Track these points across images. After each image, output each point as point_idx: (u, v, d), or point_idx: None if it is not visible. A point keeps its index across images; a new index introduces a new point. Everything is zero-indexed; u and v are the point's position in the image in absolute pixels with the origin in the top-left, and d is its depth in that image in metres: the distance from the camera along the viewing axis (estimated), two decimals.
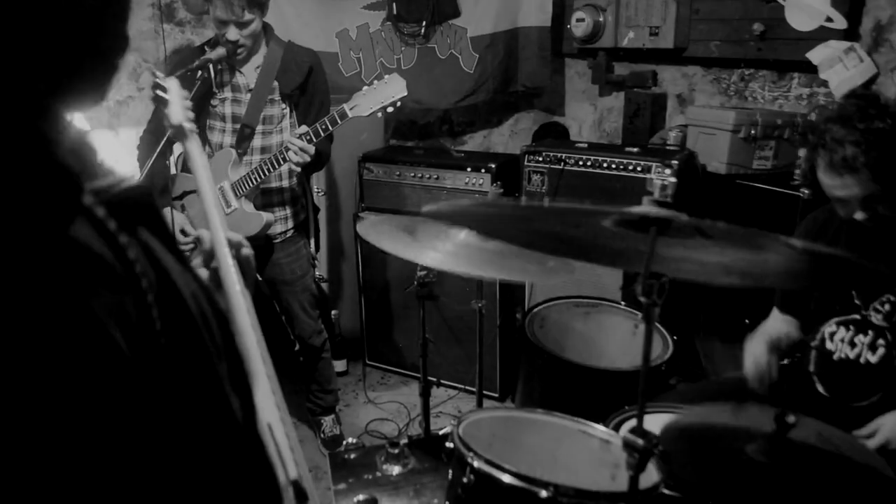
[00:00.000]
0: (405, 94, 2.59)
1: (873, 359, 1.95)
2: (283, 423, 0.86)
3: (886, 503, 1.44)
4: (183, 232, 2.76)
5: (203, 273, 1.13)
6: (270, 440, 0.81)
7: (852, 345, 1.99)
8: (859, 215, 1.87)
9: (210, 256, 1.14)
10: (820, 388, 2.08)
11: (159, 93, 2.02)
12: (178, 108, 1.56)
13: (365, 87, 2.61)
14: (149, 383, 0.50)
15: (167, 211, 2.76)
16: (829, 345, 2.05)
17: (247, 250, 1.16)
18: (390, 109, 2.61)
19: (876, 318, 1.94)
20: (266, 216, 2.79)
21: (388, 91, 2.58)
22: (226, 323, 0.67)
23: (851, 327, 2.00)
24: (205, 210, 1.17)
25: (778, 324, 2.21)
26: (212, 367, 0.59)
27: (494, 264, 1.91)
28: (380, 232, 2.07)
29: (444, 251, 1.93)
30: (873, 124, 1.76)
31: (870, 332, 1.96)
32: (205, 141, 2.85)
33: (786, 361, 2.16)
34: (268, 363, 0.93)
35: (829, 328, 2.05)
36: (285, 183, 2.93)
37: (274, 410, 0.86)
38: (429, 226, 2.06)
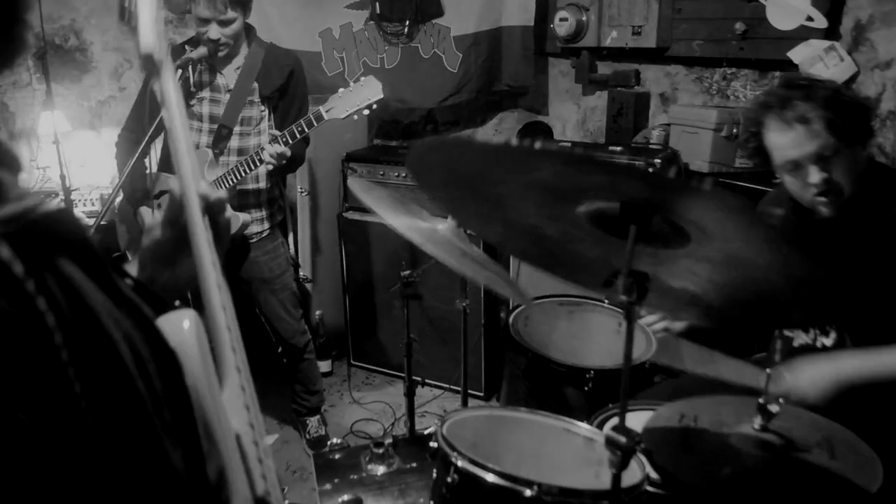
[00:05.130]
0: (381, 96, 2.59)
1: (828, 342, 2.00)
2: (253, 426, 0.79)
3: (870, 491, 1.45)
4: None
5: (162, 233, 0.99)
6: (237, 453, 0.74)
7: (806, 331, 2.04)
8: (824, 210, 1.88)
9: (178, 211, 0.96)
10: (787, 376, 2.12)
11: (126, 4, 1.66)
12: (150, 32, 1.16)
13: (341, 90, 2.60)
14: (65, 451, 0.44)
15: (146, 211, 2.74)
16: (787, 332, 2.09)
17: (229, 213, 1.00)
18: (366, 112, 2.61)
19: None
20: (243, 217, 2.78)
21: (364, 93, 2.58)
22: (170, 363, 0.60)
23: None
24: (175, 158, 0.98)
25: None
26: (145, 420, 0.52)
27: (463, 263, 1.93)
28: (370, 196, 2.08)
29: (429, 233, 1.94)
30: (817, 89, 1.83)
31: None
32: None
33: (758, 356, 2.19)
34: (239, 351, 0.83)
35: None
36: (262, 184, 2.92)
37: (243, 413, 0.79)
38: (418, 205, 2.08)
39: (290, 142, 2.62)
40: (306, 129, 2.61)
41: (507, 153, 1.30)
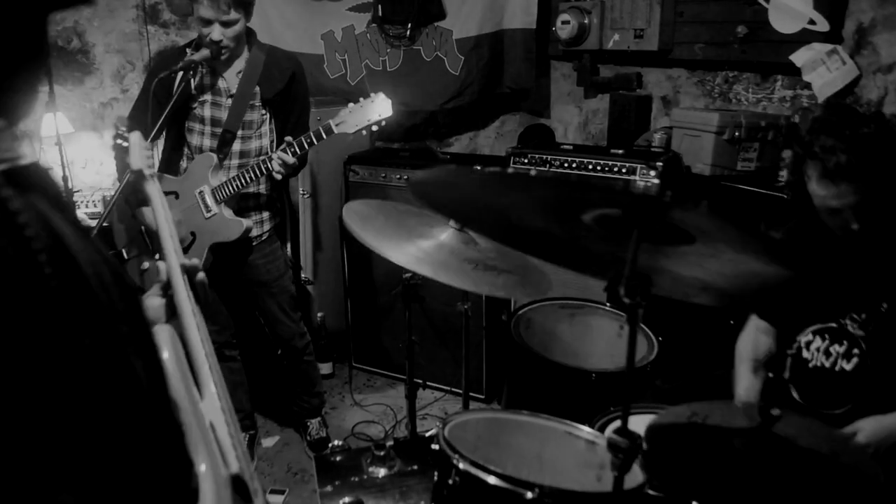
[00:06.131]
0: (390, 113, 2.68)
1: (848, 367, 1.95)
2: (228, 424, 0.90)
3: (869, 497, 1.45)
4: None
5: (159, 302, 1.20)
6: (212, 436, 0.84)
7: (828, 354, 1.99)
8: (854, 226, 1.84)
9: (167, 286, 1.20)
10: (795, 395, 2.09)
11: (120, 142, 2.41)
12: (138, 155, 1.73)
13: (351, 104, 2.66)
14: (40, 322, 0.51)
15: (146, 211, 2.75)
16: (805, 353, 2.05)
17: (201, 275, 1.23)
18: (374, 128, 2.69)
19: (852, 327, 1.94)
20: (246, 222, 2.80)
21: (375, 110, 2.65)
22: (131, 294, 0.68)
23: (827, 336, 2.00)
24: (160, 242, 1.26)
25: (759, 335, 2.21)
26: (109, 326, 0.59)
27: (474, 277, 1.93)
28: (365, 223, 2.07)
29: (426, 251, 1.94)
30: (860, 130, 1.76)
31: (845, 342, 1.96)
32: (184, 143, 2.85)
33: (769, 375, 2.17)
34: (219, 381, 0.97)
35: (805, 337, 2.05)
36: (262, 188, 2.93)
37: (219, 413, 0.90)
38: (418, 219, 2.07)
39: (299, 152, 2.65)
40: (315, 142, 2.66)
41: (505, 180, 1.37)
